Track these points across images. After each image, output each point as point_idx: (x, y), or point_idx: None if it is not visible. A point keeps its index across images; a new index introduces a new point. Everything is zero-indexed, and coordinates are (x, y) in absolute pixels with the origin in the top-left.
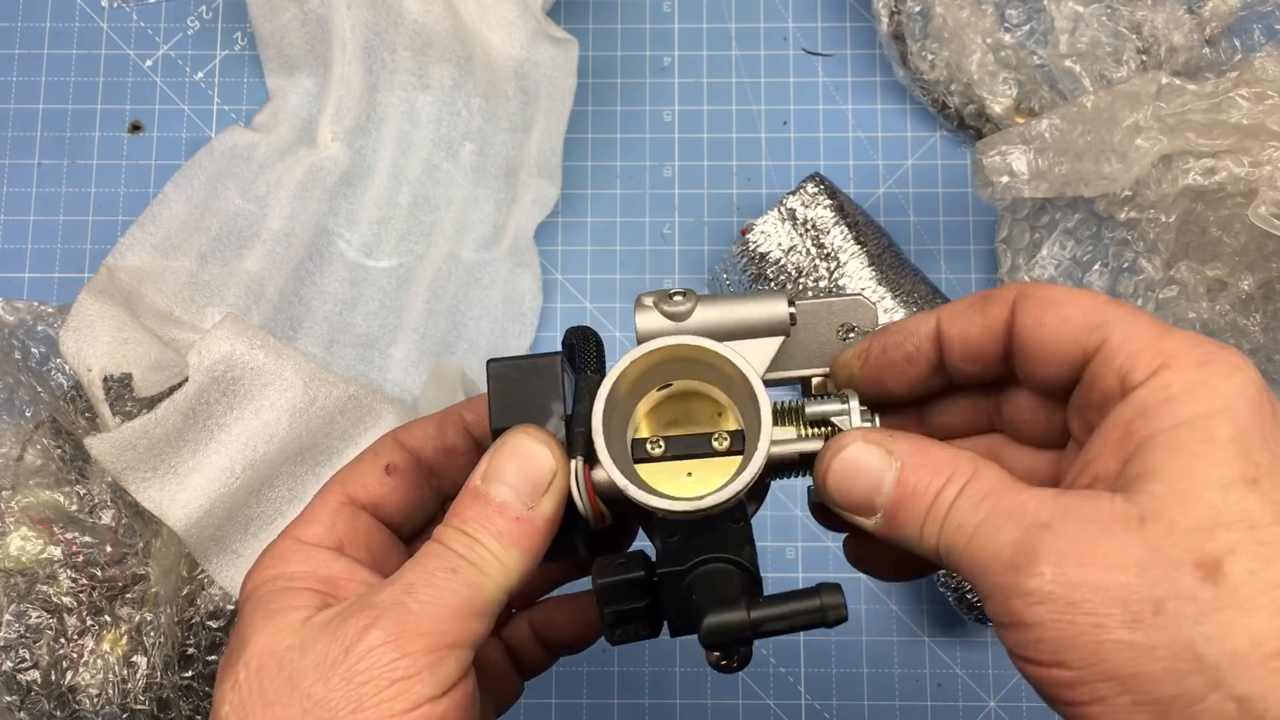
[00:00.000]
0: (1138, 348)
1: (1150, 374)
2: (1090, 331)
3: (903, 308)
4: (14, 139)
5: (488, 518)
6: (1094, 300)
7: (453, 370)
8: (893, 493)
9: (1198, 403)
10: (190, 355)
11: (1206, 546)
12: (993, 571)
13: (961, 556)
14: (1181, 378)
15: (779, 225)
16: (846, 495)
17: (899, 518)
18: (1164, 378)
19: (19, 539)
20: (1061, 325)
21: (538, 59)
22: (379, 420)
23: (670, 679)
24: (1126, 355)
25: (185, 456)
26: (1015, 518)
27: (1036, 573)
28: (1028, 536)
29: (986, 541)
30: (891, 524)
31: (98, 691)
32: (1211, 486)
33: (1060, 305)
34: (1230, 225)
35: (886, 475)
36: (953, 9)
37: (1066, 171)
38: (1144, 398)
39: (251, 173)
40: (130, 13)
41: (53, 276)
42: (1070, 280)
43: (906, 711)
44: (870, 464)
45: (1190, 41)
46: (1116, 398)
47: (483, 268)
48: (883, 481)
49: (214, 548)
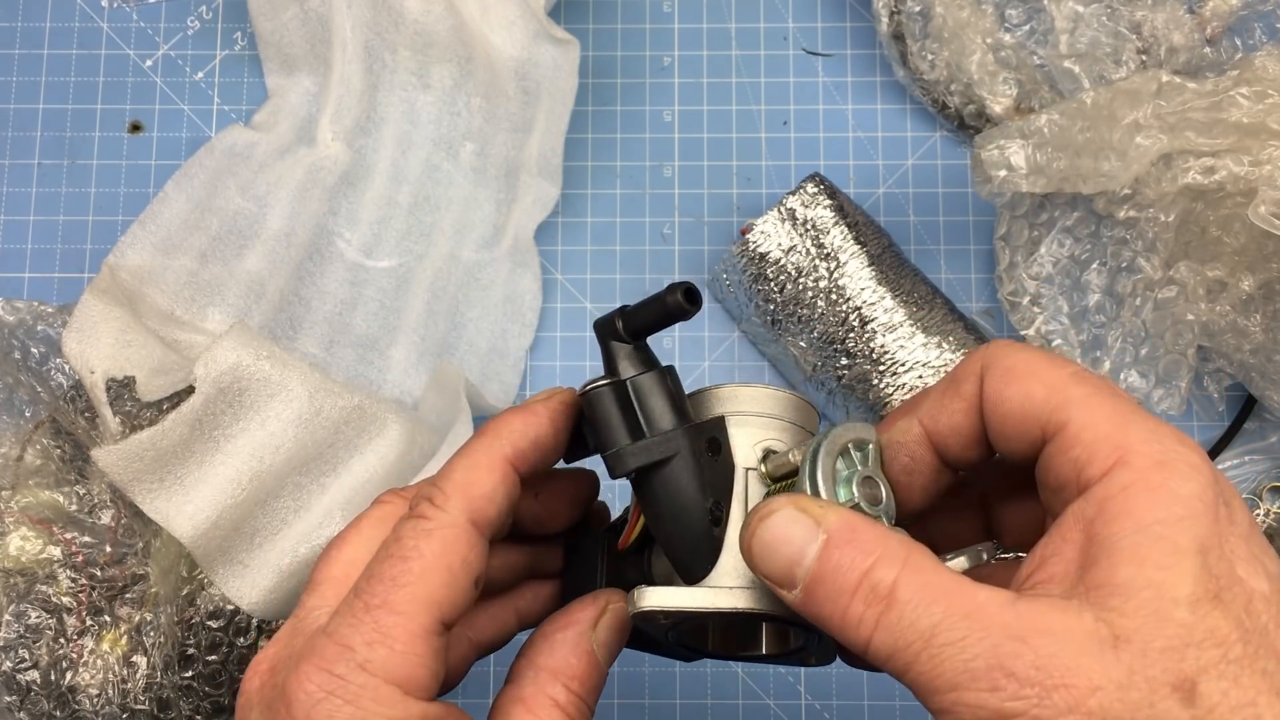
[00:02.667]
0: (1095, 437)
1: (1107, 470)
2: (1051, 412)
3: (902, 307)
4: (14, 139)
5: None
6: (1058, 374)
7: (455, 377)
8: (813, 566)
9: (1158, 508)
10: (197, 367)
11: (1181, 667)
12: (960, 688)
13: (915, 661)
14: (1141, 479)
15: (779, 225)
16: (767, 562)
17: (818, 594)
18: (1122, 476)
19: (18, 539)
20: (1024, 400)
21: (539, 59)
22: (383, 430)
23: (670, 679)
24: (1083, 446)
25: (191, 468)
26: (980, 625)
27: (1018, 695)
28: (1002, 651)
29: (950, 651)
30: (810, 599)
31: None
32: (1180, 604)
33: (1022, 379)
34: (1230, 225)
35: (810, 547)
36: (953, 9)
37: (1065, 167)
38: (1102, 496)
39: (251, 172)
40: (130, 13)
41: (53, 276)
42: (1068, 279)
43: (906, 711)
44: (794, 533)
45: (1191, 41)
46: (1072, 488)
47: (482, 268)
48: (805, 554)
49: (220, 559)
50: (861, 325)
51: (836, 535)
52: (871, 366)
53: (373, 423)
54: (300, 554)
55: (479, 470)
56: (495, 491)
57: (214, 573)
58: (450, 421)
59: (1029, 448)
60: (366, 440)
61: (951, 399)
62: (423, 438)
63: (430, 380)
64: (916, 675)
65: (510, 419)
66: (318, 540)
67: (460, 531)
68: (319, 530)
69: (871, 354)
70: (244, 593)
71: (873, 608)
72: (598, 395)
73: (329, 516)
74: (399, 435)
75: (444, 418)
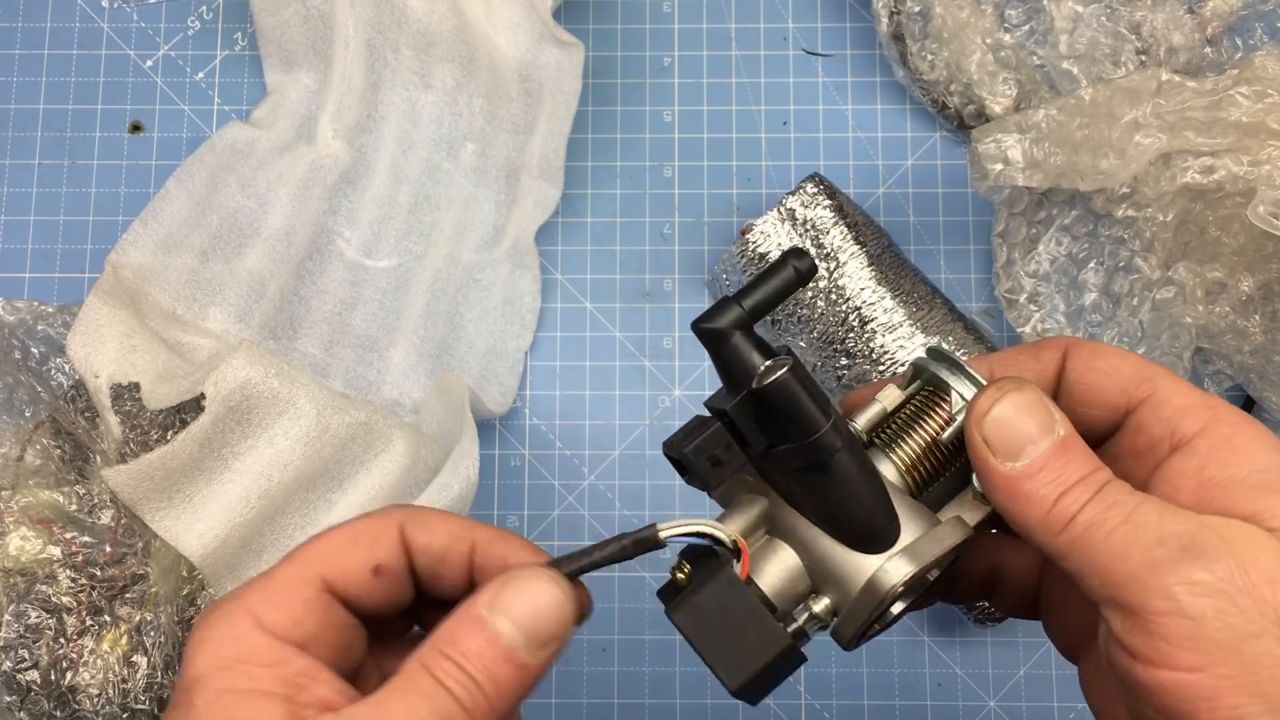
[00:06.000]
0: (1186, 401)
1: (1203, 426)
2: (1139, 382)
3: (902, 307)
4: (14, 139)
5: (491, 659)
6: (1139, 359)
7: (458, 388)
8: (1047, 450)
9: (1266, 453)
10: (207, 385)
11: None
12: (1153, 554)
13: (1112, 534)
14: (1240, 431)
15: (779, 225)
16: (1004, 431)
17: (1040, 476)
18: (1222, 430)
19: (18, 539)
20: (1111, 373)
21: (542, 61)
22: (389, 446)
23: (670, 679)
24: (1175, 408)
25: (200, 486)
26: (1174, 511)
27: (1208, 567)
28: (1197, 532)
29: (1150, 523)
30: (1030, 477)
31: (98, 691)
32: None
33: (1109, 356)
34: (1229, 225)
35: (1055, 429)
36: (952, 9)
37: (1062, 163)
38: (1206, 446)
39: (251, 169)
40: (130, 13)
41: (53, 276)
42: (1065, 277)
43: (906, 711)
44: (1033, 420)
45: (1191, 41)
46: (1164, 445)
47: (482, 269)
48: (1044, 436)
49: (228, 576)
50: (861, 325)
51: (1071, 439)
52: (871, 366)
53: (379, 438)
54: None
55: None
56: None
57: (222, 591)
58: (452, 433)
59: (1111, 413)
60: (372, 456)
61: (1029, 360)
62: (427, 452)
63: (432, 388)
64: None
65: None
66: None
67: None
68: None
69: (871, 354)
70: None
71: (1087, 494)
72: (787, 381)
73: None
74: (404, 451)
75: (445, 427)
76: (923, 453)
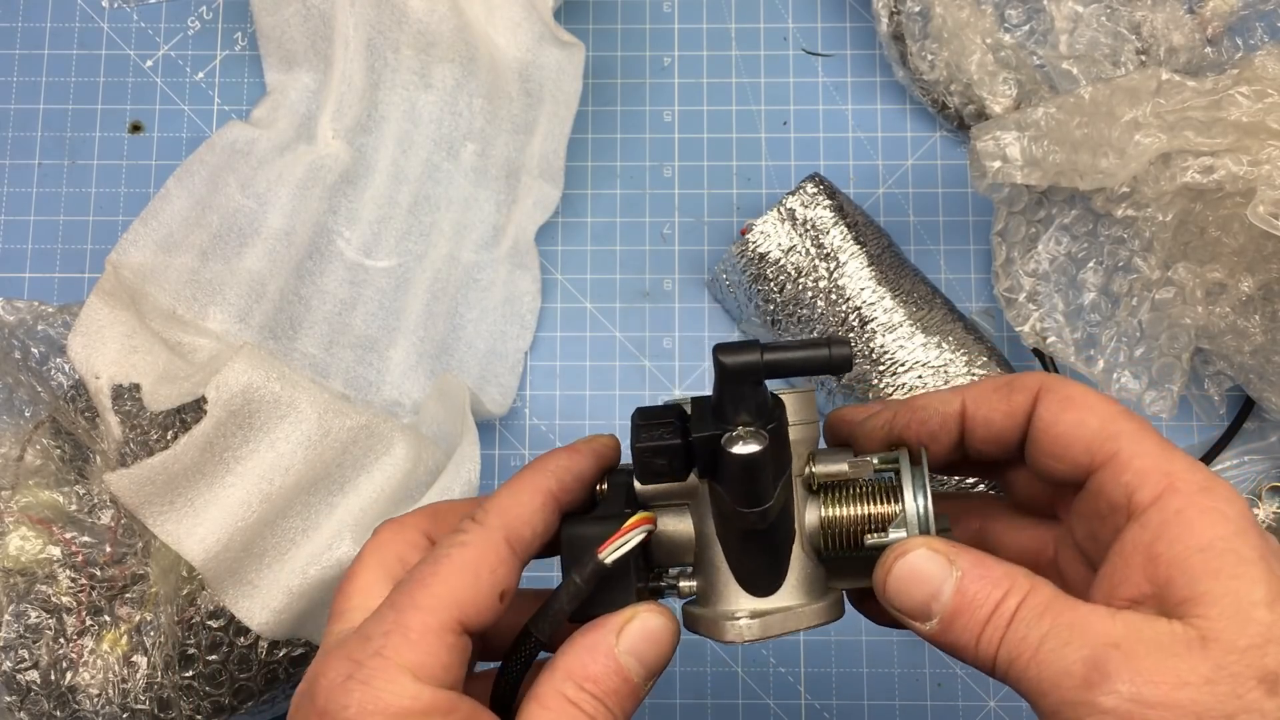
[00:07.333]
0: (1145, 466)
1: (1158, 495)
2: (1104, 441)
3: (902, 307)
4: (14, 139)
5: (622, 694)
6: (1110, 409)
7: (459, 391)
8: (951, 601)
9: (1214, 527)
10: (208, 390)
11: (1265, 662)
12: (1062, 687)
13: (1026, 669)
14: (1192, 503)
15: (778, 225)
16: (905, 599)
17: (955, 625)
18: (1174, 501)
19: (18, 539)
20: (1077, 427)
21: (543, 62)
22: (390, 449)
23: (670, 679)
24: (1134, 472)
25: (202, 490)
26: (1080, 634)
27: (1111, 690)
28: (1099, 655)
29: (1054, 656)
30: (946, 630)
31: (98, 691)
32: (1258, 606)
33: (1077, 408)
34: (1229, 225)
35: (946, 584)
36: (952, 9)
37: (1061, 161)
38: (1158, 520)
39: (251, 168)
40: (130, 13)
41: (53, 276)
42: (1064, 276)
43: (906, 711)
44: (931, 571)
45: (1191, 41)
46: (1122, 512)
47: (482, 269)
48: (942, 590)
49: (230, 580)
50: (861, 325)
51: (971, 572)
52: (871, 366)
53: (380, 442)
54: (310, 574)
55: (521, 495)
56: (534, 516)
57: (224, 594)
58: (452, 435)
59: (1072, 470)
60: (374, 459)
61: (1001, 398)
62: (429, 455)
63: (432, 390)
64: (1028, 679)
65: (556, 454)
66: (327, 560)
67: (493, 544)
68: (328, 550)
69: (871, 354)
70: (253, 613)
71: (999, 630)
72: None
73: (338, 536)
74: (405, 454)
75: (444, 429)
76: (847, 531)
